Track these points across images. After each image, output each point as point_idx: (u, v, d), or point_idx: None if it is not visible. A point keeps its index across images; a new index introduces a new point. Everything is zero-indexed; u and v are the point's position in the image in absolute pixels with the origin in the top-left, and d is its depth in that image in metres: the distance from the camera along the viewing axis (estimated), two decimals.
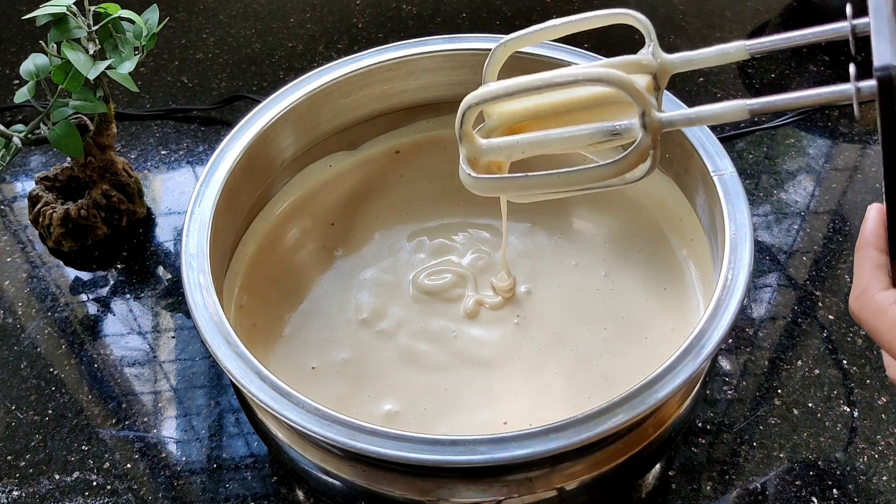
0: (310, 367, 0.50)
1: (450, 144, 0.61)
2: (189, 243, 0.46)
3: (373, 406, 0.48)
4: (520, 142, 0.40)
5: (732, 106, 0.36)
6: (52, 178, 0.65)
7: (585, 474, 0.42)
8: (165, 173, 0.70)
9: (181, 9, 0.86)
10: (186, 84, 0.77)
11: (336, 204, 0.58)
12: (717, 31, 0.81)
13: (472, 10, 0.84)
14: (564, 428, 0.38)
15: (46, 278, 0.63)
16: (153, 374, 0.57)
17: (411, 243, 0.56)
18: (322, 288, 0.54)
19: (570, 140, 0.38)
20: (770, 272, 0.61)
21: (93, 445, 0.53)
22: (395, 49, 0.57)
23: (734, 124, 0.70)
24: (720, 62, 0.39)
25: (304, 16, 0.84)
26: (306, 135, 0.57)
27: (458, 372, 0.49)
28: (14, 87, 0.77)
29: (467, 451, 0.38)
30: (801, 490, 0.49)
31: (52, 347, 0.58)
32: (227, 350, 0.42)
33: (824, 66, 0.76)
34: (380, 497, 0.43)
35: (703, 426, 0.52)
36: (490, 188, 0.41)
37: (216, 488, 0.51)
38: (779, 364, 0.55)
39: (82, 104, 0.57)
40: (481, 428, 0.46)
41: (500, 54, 0.43)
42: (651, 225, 0.55)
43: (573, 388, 0.48)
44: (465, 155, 0.41)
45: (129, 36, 0.58)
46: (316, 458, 0.44)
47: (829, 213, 0.65)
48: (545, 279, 0.53)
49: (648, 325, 0.51)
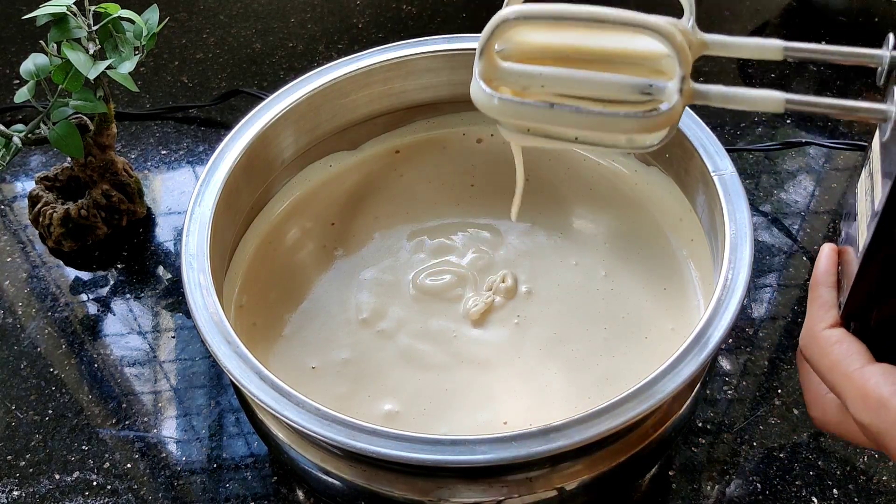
0: (310, 366, 0.50)
1: (450, 144, 0.61)
2: (189, 243, 0.46)
3: (373, 406, 0.48)
4: (543, 74, 0.36)
5: (770, 95, 0.35)
6: (52, 178, 0.65)
7: (585, 474, 0.42)
8: (165, 173, 0.70)
9: (181, 9, 0.86)
10: (186, 84, 0.77)
11: (336, 204, 0.58)
12: (716, 30, 0.81)
13: (472, 10, 0.84)
14: (564, 428, 0.38)
15: (46, 278, 0.63)
16: (153, 374, 0.57)
17: (411, 243, 0.56)
18: (322, 288, 0.54)
19: (597, 86, 0.36)
20: (770, 272, 0.61)
21: (93, 445, 0.53)
22: (395, 49, 0.57)
23: (734, 125, 0.70)
24: (753, 56, 0.38)
25: (304, 16, 0.84)
26: (306, 135, 0.57)
27: (458, 372, 0.49)
28: (14, 87, 0.77)
29: (467, 451, 0.38)
30: (801, 490, 0.49)
31: (52, 347, 0.58)
32: (227, 350, 0.42)
33: (824, 66, 0.76)
34: (380, 497, 0.43)
35: (703, 426, 0.52)
36: (508, 112, 0.37)
37: (216, 488, 0.51)
38: (779, 364, 0.55)
39: (82, 104, 0.57)
40: (481, 428, 0.46)
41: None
42: (651, 225, 0.55)
43: (573, 388, 0.48)
44: (479, 72, 0.37)
45: (129, 36, 0.58)
46: (316, 458, 0.44)
47: (829, 213, 0.65)
48: (545, 279, 0.53)
49: (648, 324, 0.51)
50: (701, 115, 0.51)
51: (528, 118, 0.37)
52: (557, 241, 0.56)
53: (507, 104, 0.37)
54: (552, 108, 0.36)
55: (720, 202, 0.46)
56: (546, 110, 0.36)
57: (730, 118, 0.71)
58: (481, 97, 0.37)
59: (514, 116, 0.38)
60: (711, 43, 0.38)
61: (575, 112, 0.36)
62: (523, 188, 0.46)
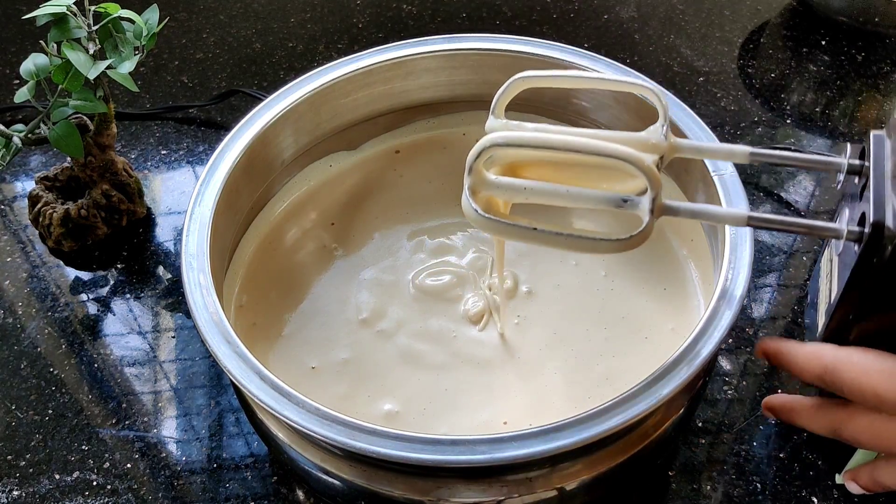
0: (309, 366, 0.50)
1: (450, 144, 0.61)
2: (189, 243, 0.46)
3: (372, 406, 0.48)
4: (526, 188, 0.40)
5: (735, 213, 0.39)
6: (52, 178, 0.65)
7: (585, 474, 0.42)
8: (165, 173, 0.70)
9: (181, 9, 0.86)
10: (186, 84, 0.77)
11: (336, 204, 0.58)
12: (716, 30, 0.81)
13: (472, 10, 0.84)
14: (564, 428, 0.38)
15: (46, 278, 0.63)
16: (153, 374, 0.57)
17: (411, 243, 0.56)
18: (322, 287, 0.54)
19: (577, 199, 0.39)
20: (770, 272, 0.61)
21: (93, 445, 0.53)
22: (395, 49, 0.57)
23: (734, 125, 0.70)
24: (722, 159, 0.43)
25: (304, 16, 0.84)
26: (306, 135, 0.57)
27: (457, 372, 0.49)
28: (14, 87, 0.77)
29: (467, 451, 0.38)
30: (801, 490, 0.49)
31: (52, 347, 0.58)
32: (228, 350, 0.42)
33: (824, 67, 0.76)
34: (380, 497, 0.43)
35: (703, 426, 0.52)
36: (493, 229, 0.41)
37: (216, 488, 0.51)
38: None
39: (82, 104, 0.57)
40: (481, 428, 0.46)
41: (515, 87, 0.44)
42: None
43: (573, 388, 0.48)
44: (469, 185, 0.41)
45: (129, 36, 0.58)
46: (316, 458, 0.44)
47: (829, 213, 0.65)
48: (545, 279, 0.53)
49: (648, 324, 0.51)
50: (701, 115, 0.51)
51: (513, 237, 0.41)
52: None
53: (493, 223, 0.41)
54: (536, 231, 0.40)
55: (720, 202, 0.46)
56: (530, 232, 0.40)
57: (730, 118, 0.71)
58: (470, 214, 0.41)
59: (501, 234, 0.42)
60: (685, 149, 0.43)
61: (556, 235, 0.40)
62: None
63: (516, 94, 0.44)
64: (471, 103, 0.61)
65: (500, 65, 0.57)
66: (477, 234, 0.56)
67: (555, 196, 0.40)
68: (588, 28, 0.82)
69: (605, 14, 0.84)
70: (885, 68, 0.76)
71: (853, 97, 0.74)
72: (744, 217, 0.39)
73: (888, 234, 0.35)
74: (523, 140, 0.40)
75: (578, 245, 0.40)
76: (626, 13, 0.84)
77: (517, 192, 0.40)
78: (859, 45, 0.79)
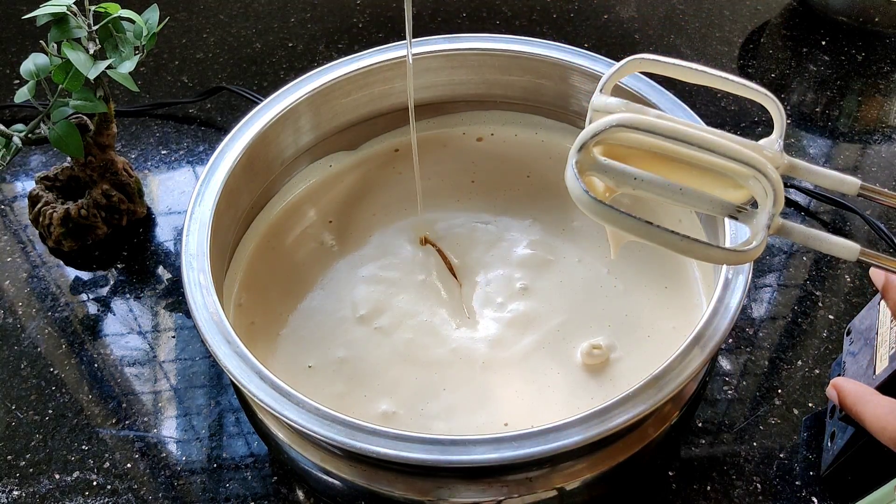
0: (306, 365, 0.50)
1: (450, 143, 0.61)
2: (189, 243, 0.46)
3: (369, 405, 0.48)
4: (637, 177, 0.36)
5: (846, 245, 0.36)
6: (52, 178, 0.64)
7: (586, 474, 0.42)
8: (165, 173, 0.70)
9: (181, 9, 0.86)
10: (187, 84, 0.77)
11: (335, 202, 0.58)
12: (716, 30, 0.81)
13: (471, 9, 0.84)
14: (564, 428, 0.38)
15: (46, 278, 0.63)
16: (153, 374, 0.57)
17: (410, 241, 0.56)
18: (321, 286, 0.54)
19: (689, 199, 0.36)
20: (770, 272, 0.61)
21: (93, 445, 0.53)
22: (395, 49, 0.57)
23: (734, 125, 0.70)
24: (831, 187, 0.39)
25: (304, 15, 0.84)
26: (306, 135, 0.57)
27: (457, 371, 0.49)
28: (14, 86, 0.77)
29: (467, 451, 0.38)
30: (801, 490, 0.49)
31: (52, 347, 0.58)
32: (228, 350, 0.42)
33: (824, 67, 0.76)
34: (380, 497, 0.43)
35: (703, 426, 0.52)
36: (603, 215, 0.36)
37: (216, 488, 0.51)
38: (779, 364, 0.55)
39: (82, 104, 0.57)
40: (481, 428, 0.46)
41: (631, 67, 0.41)
42: None
43: (573, 388, 0.48)
44: (575, 163, 0.37)
45: (130, 35, 0.58)
46: (316, 458, 0.44)
47: (829, 212, 0.65)
48: (546, 277, 0.53)
49: (649, 324, 0.51)
50: (701, 114, 0.51)
51: (623, 228, 0.37)
52: (559, 239, 0.56)
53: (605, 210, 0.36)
54: (651, 226, 0.35)
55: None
56: (643, 226, 0.35)
57: (730, 118, 0.71)
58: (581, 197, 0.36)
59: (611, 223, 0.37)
60: (797, 167, 0.38)
61: (670, 234, 0.35)
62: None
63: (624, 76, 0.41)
64: (470, 103, 0.61)
65: (499, 65, 0.57)
66: (475, 233, 0.56)
67: (666, 191, 0.36)
68: (588, 28, 0.82)
69: (605, 14, 0.84)
70: (885, 68, 0.76)
71: (853, 97, 0.74)
72: (855, 251, 0.36)
73: None
74: (652, 126, 0.36)
75: (691, 248, 0.36)
76: (626, 13, 0.84)
77: (626, 181, 0.36)
78: (859, 44, 0.79)
